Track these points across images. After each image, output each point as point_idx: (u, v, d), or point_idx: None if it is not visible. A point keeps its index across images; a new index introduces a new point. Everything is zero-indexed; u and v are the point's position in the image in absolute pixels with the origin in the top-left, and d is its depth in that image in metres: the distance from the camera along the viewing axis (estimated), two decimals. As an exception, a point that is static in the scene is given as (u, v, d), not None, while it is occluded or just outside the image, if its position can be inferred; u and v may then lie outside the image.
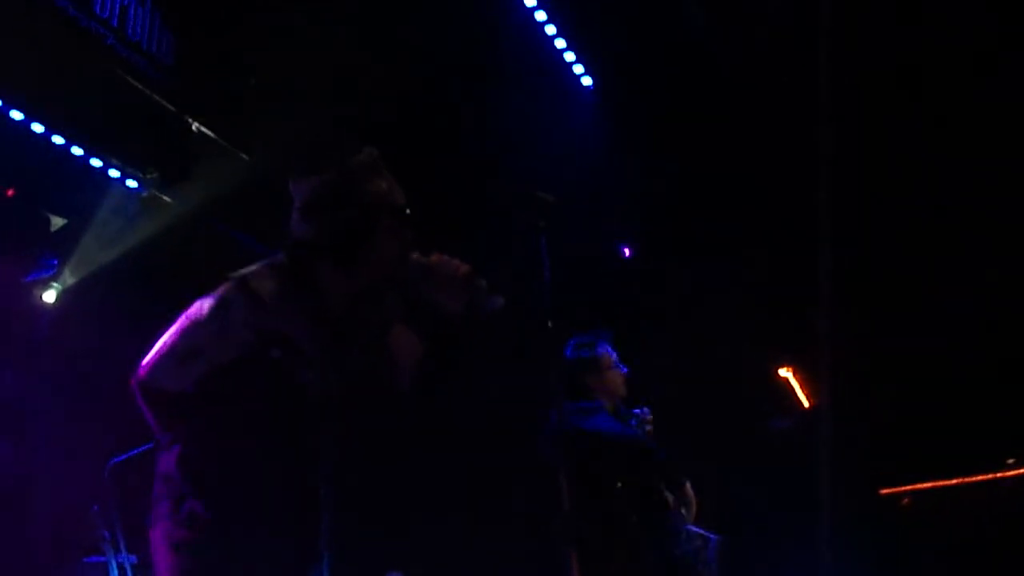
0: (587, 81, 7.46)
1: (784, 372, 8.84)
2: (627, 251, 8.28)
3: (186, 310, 3.18)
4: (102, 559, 5.71)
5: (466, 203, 7.13)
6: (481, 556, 7.26)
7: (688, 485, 5.79)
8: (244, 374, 3.13)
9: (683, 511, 5.76)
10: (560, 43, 7.17)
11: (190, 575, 3.10)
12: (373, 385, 3.36)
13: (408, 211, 3.28)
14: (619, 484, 5.51)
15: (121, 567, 5.52)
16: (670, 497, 5.73)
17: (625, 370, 5.83)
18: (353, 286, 3.26)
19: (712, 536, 5.80)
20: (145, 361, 3.16)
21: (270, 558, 3.14)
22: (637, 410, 5.85)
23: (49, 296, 7.13)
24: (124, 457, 5.62)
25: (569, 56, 7.27)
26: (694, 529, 5.77)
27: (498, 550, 6.99)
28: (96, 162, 6.74)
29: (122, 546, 5.55)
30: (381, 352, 3.37)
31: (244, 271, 3.19)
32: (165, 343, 3.15)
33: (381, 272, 3.27)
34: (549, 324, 3.55)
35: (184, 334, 3.14)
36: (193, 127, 6.56)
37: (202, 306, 3.15)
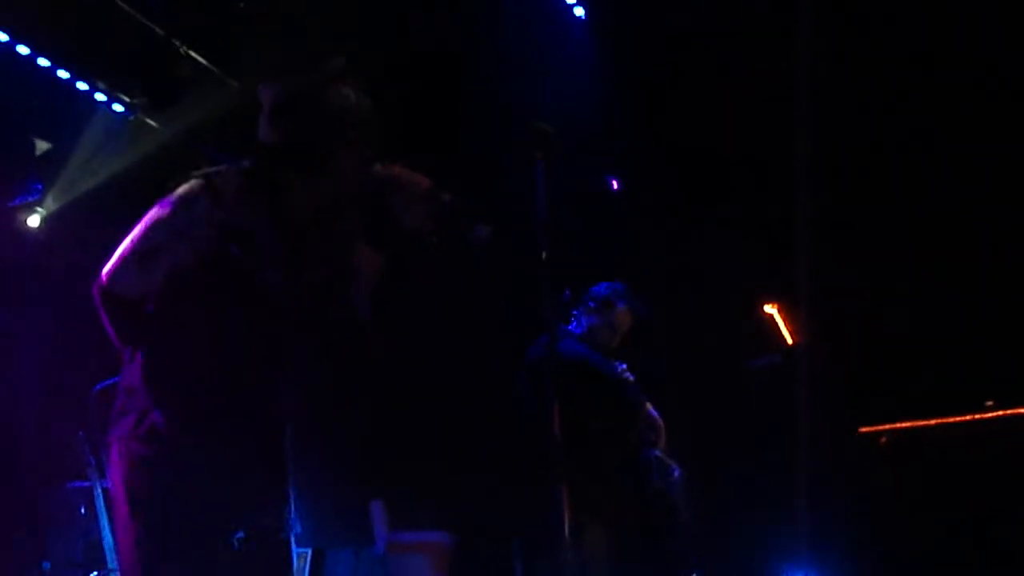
0: (579, 12, 7.40)
1: (769, 308, 8.84)
2: (615, 184, 8.24)
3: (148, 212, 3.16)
4: (87, 484, 5.73)
5: (462, 133, 7.11)
6: (463, 488, 7.31)
7: (649, 407, 5.82)
8: (204, 276, 3.10)
9: (651, 440, 5.80)
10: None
11: (146, 493, 3.03)
12: (332, 299, 3.35)
13: (373, 124, 3.27)
14: (593, 421, 5.54)
15: (106, 492, 5.54)
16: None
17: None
18: (315, 197, 3.26)
19: (676, 468, 5.83)
20: (106, 267, 3.11)
21: (231, 473, 3.09)
22: (619, 365, 5.88)
23: (33, 221, 7.10)
24: (109, 382, 5.62)
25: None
26: (663, 457, 5.80)
27: (482, 483, 7.03)
28: (82, 85, 6.69)
29: (107, 471, 5.57)
30: (342, 267, 3.36)
31: (209, 169, 3.19)
32: (126, 246, 3.11)
33: (343, 184, 3.27)
34: (543, 255, 3.55)
35: (145, 234, 3.10)
36: (181, 51, 6.49)
37: (164, 204, 3.12)
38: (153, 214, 3.12)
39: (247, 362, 3.16)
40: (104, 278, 3.10)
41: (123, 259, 3.09)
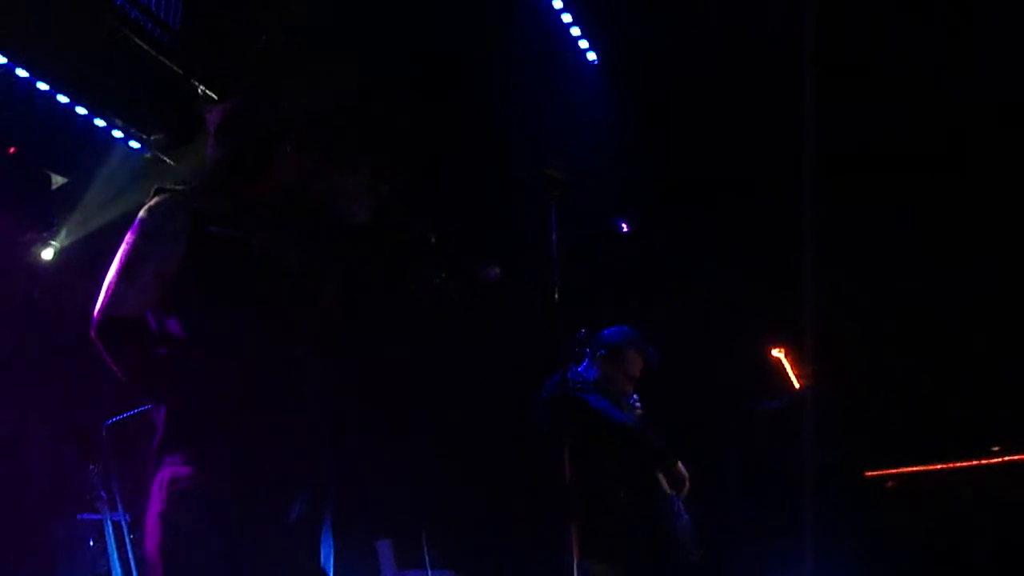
0: (591, 56, 7.46)
1: (776, 353, 8.86)
2: (624, 226, 8.29)
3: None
4: (97, 516, 5.74)
5: (477, 178, 7.15)
6: (471, 527, 7.31)
7: (680, 464, 5.84)
8: (197, 269, 3.16)
9: (674, 491, 5.80)
10: (566, 17, 7.16)
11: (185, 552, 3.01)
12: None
13: (309, 131, 3.44)
14: (609, 463, 5.56)
15: (116, 525, 5.56)
16: (662, 478, 5.78)
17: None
18: (264, 201, 3.38)
19: (684, 514, 5.83)
20: (97, 304, 3.16)
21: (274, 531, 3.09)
22: (631, 398, 5.92)
23: (47, 254, 7.13)
24: (121, 417, 5.66)
25: (575, 31, 7.27)
26: (674, 500, 5.81)
27: (491, 522, 7.04)
28: (100, 122, 6.74)
29: (118, 505, 5.59)
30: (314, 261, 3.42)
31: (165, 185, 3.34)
32: (110, 276, 3.17)
33: (286, 189, 3.41)
34: (556, 295, 3.61)
35: (124, 253, 3.18)
36: (199, 90, 6.55)
37: (132, 226, 3.23)
38: (126, 239, 3.21)
39: (272, 373, 3.17)
40: (97, 314, 3.14)
41: (109, 284, 3.15)
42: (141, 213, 3.23)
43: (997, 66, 7.11)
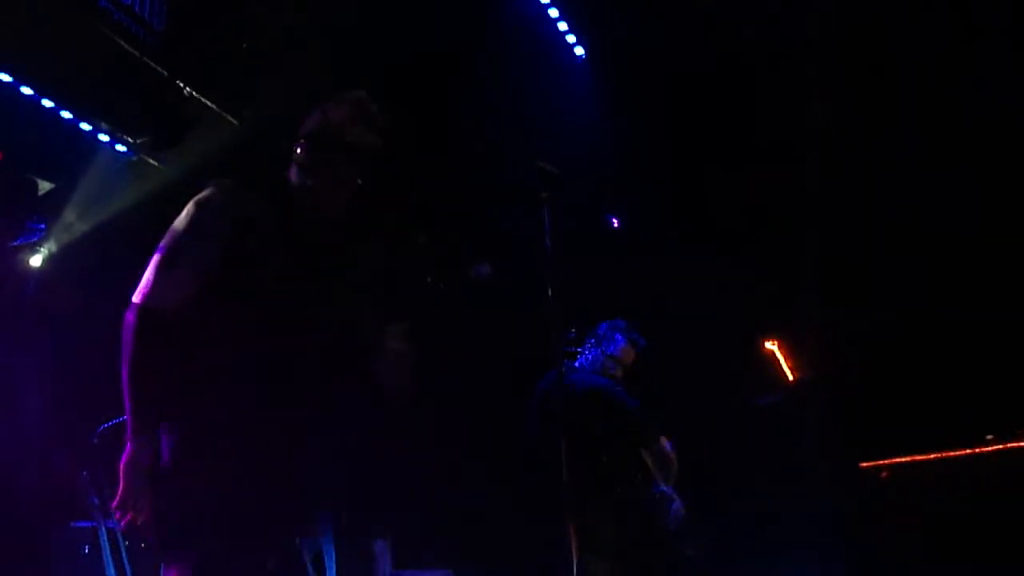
0: (579, 51, 7.45)
1: (770, 346, 8.87)
2: (616, 222, 8.28)
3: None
4: (91, 524, 5.71)
5: (469, 172, 7.13)
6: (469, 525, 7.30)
7: (664, 442, 5.82)
8: (229, 278, 3.14)
9: (660, 471, 5.78)
10: (553, 12, 7.15)
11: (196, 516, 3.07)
12: (346, 325, 3.38)
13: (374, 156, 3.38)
14: (604, 458, 5.55)
15: (110, 532, 5.53)
16: (650, 462, 5.77)
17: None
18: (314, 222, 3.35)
19: (677, 501, 5.81)
20: (139, 288, 3.14)
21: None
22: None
23: (35, 260, 7.10)
24: (114, 423, 5.62)
25: (562, 26, 7.26)
26: (667, 493, 5.79)
27: (487, 520, 7.03)
28: (86, 126, 6.71)
29: (111, 511, 5.55)
30: (352, 290, 3.42)
31: (223, 179, 3.29)
32: (154, 264, 3.15)
33: (332, 217, 3.38)
34: (550, 291, 3.59)
35: (168, 241, 3.16)
36: (184, 92, 6.52)
37: (181, 214, 3.20)
38: (173, 226, 3.18)
39: (273, 392, 3.17)
40: (139, 297, 3.11)
41: (153, 273, 3.13)
42: (190, 205, 3.20)
43: (996, 67, 7.13)
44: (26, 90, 6.32)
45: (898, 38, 7.14)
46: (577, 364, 5.91)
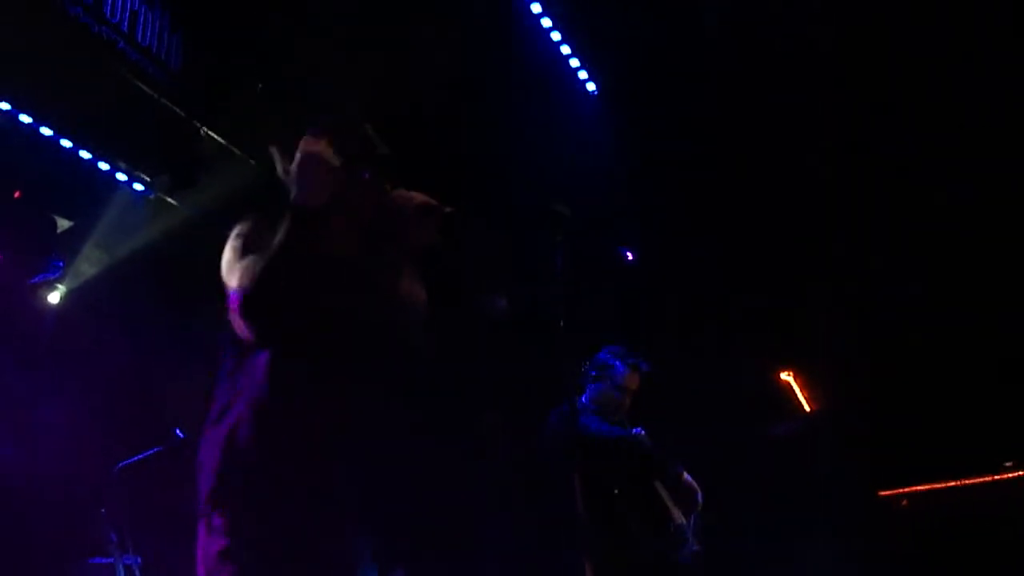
0: (591, 87, 7.49)
1: (785, 376, 8.87)
2: (630, 255, 8.30)
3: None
4: (108, 560, 5.73)
5: (481, 211, 7.16)
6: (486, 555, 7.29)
7: (685, 475, 5.80)
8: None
9: (681, 509, 5.78)
10: (565, 49, 7.19)
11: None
12: (385, 330, 3.30)
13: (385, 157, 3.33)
14: (616, 491, 5.54)
15: (128, 568, 5.55)
16: (665, 496, 5.76)
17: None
18: (339, 230, 3.27)
19: (694, 545, 5.80)
20: (239, 281, 3.04)
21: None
22: (635, 430, 5.89)
23: (54, 297, 7.16)
24: (132, 460, 5.66)
25: (574, 62, 7.30)
26: (682, 524, 5.77)
27: (504, 550, 7.02)
28: (104, 165, 6.78)
29: (129, 547, 5.58)
30: (389, 295, 3.32)
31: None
32: (241, 260, 3.08)
33: (359, 215, 3.30)
34: (561, 325, 3.61)
35: (237, 247, 3.11)
36: (201, 131, 6.58)
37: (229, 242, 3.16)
38: (230, 243, 3.15)
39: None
40: (248, 282, 3.02)
41: (250, 263, 3.05)
42: (232, 239, 3.15)
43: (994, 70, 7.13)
44: (46, 130, 6.40)
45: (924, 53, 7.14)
46: (584, 400, 5.89)
